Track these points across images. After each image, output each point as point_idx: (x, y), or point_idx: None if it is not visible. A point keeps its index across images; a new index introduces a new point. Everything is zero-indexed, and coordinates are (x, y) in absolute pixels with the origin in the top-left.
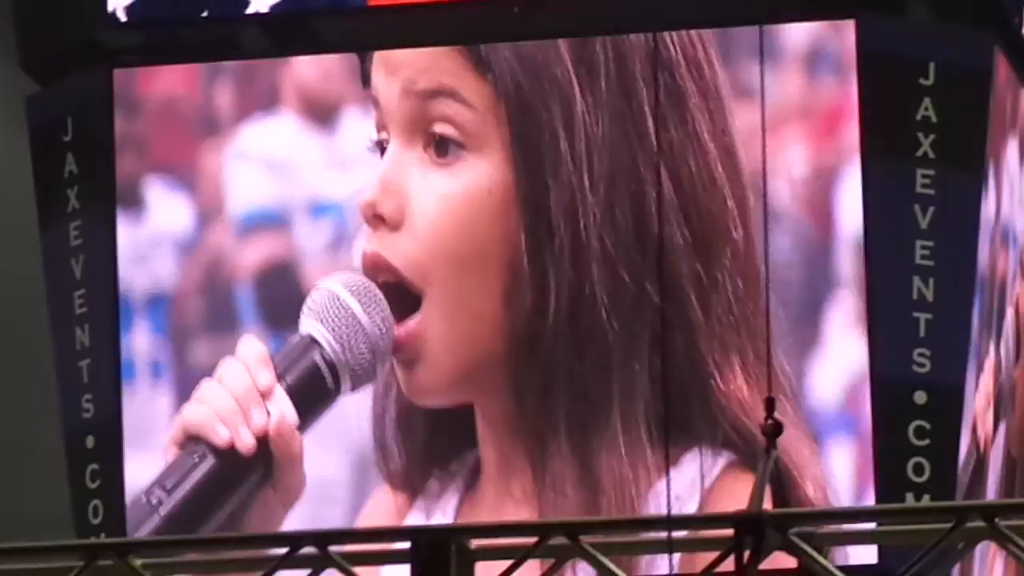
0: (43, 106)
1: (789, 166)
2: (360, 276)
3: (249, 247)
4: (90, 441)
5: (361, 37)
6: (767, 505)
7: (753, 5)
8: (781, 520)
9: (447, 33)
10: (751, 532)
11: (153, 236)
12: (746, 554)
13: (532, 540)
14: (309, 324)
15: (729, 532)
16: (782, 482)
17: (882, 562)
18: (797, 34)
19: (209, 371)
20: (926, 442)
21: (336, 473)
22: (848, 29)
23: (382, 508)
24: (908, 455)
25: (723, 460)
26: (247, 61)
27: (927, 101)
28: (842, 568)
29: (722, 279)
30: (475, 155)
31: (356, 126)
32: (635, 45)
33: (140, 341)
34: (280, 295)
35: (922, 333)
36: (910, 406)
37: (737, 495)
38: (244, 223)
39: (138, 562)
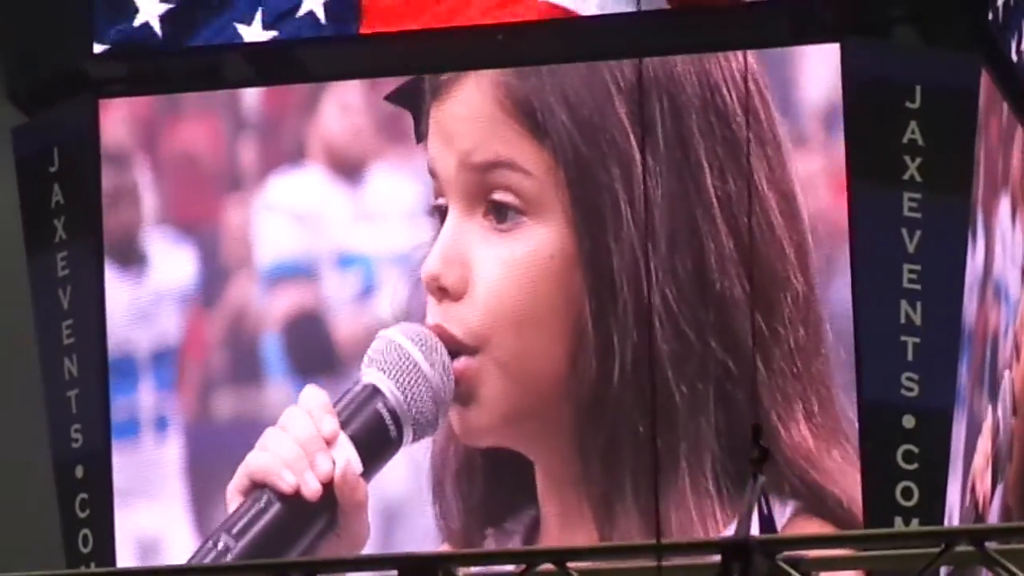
0: (29, 137)
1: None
2: (421, 326)
3: (276, 298)
4: (79, 471)
5: (347, 65)
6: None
7: (740, 31)
8: (768, 546)
9: (434, 61)
10: (738, 558)
11: (155, 292)
12: None
13: (520, 568)
14: (371, 374)
15: (716, 558)
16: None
17: None
18: None
19: (235, 421)
20: (915, 466)
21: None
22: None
23: None
24: (897, 479)
25: (790, 509)
26: (272, 116)
27: (913, 124)
28: None
29: (783, 331)
30: (535, 220)
31: (383, 180)
32: (691, 99)
33: (145, 397)
34: (308, 345)
35: (910, 357)
36: (898, 430)
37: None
38: (271, 275)
39: None
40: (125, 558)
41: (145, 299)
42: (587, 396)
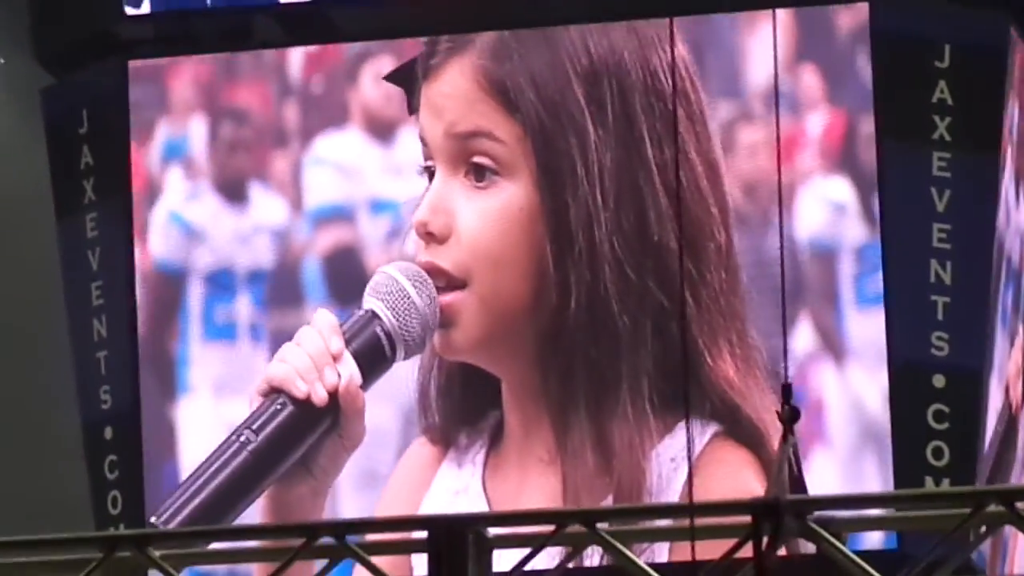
0: (58, 98)
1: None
2: (413, 264)
3: (320, 235)
4: (108, 432)
5: (377, 26)
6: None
7: None
8: (799, 506)
9: (459, 21)
10: (769, 518)
11: (255, 225)
12: (764, 540)
13: (549, 528)
14: (372, 302)
15: (747, 519)
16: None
17: (901, 547)
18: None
19: (283, 335)
20: (945, 426)
21: (388, 424)
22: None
23: (421, 456)
24: (927, 439)
25: (711, 430)
26: (323, 81)
27: (942, 84)
28: (861, 554)
29: (709, 275)
30: (507, 180)
31: (409, 140)
32: (635, 82)
33: (242, 309)
34: (345, 275)
35: (940, 316)
36: (929, 390)
37: (724, 460)
38: (317, 216)
39: (157, 553)
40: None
41: (246, 227)
42: (547, 325)
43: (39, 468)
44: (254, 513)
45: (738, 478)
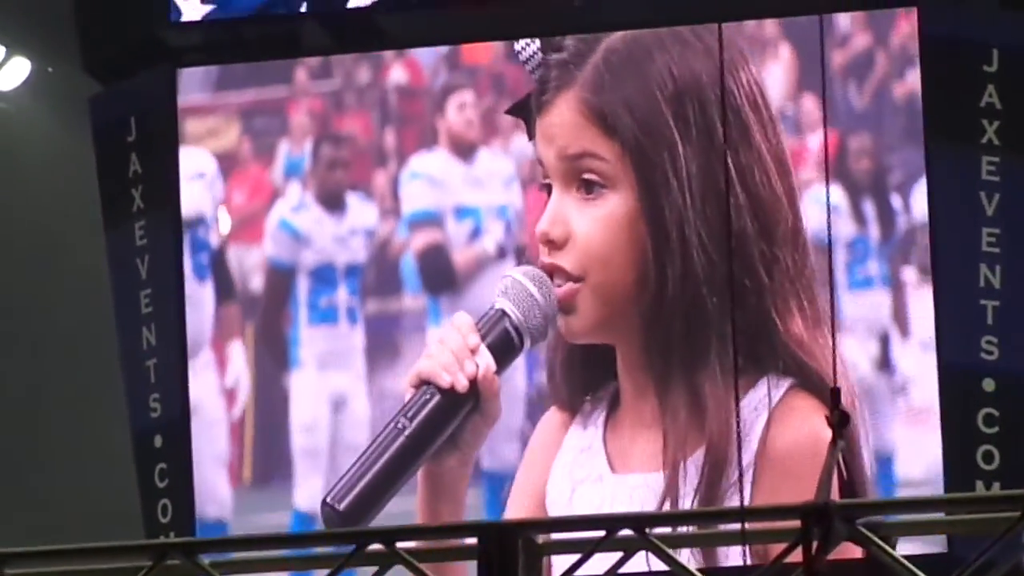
0: (106, 106)
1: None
2: (535, 268)
3: (414, 237)
4: (158, 440)
5: (425, 33)
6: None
7: None
8: (849, 510)
9: (511, 28)
10: (819, 523)
11: (351, 228)
12: (814, 544)
13: (599, 533)
14: (501, 302)
15: (796, 523)
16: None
17: (951, 551)
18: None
19: (375, 318)
20: (995, 430)
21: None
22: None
23: (553, 421)
24: (977, 443)
25: (786, 383)
26: (415, 111)
27: (991, 88)
28: (910, 558)
29: (781, 253)
30: (612, 192)
31: (486, 158)
32: (712, 100)
33: (342, 296)
34: (435, 268)
35: (989, 320)
36: (979, 394)
37: (797, 408)
38: (411, 221)
39: (207, 561)
40: (318, 416)
41: (342, 231)
42: (649, 307)
43: (89, 477)
44: (412, 486)
45: (809, 423)
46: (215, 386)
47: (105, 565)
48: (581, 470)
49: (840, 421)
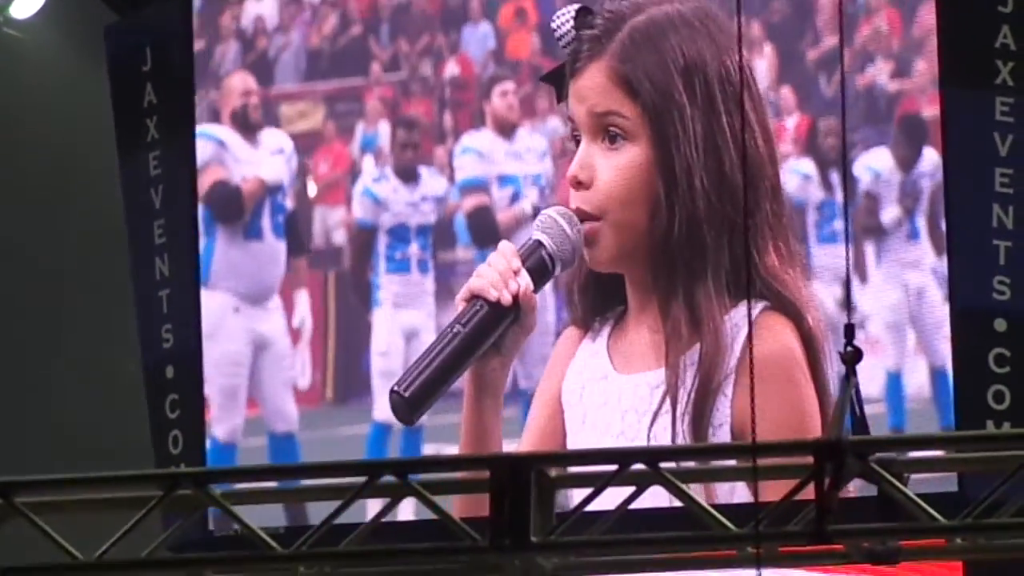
0: (121, 36)
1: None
2: (565, 208)
3: (465, 200)
4: (170, 371)
5: None
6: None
7: None
8: (861, 447)
9: None
10: (831, 459)
11: (422, 195)
12: (826, 481)
13: (612, 467)
14: (537, 234)
15: (809, 459)
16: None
17: (961, 490)
18: None
19: (440, 265)
20: (1006, 369)
21: (547, 316)
22: None
23: (569, 337)
24: (988, 382)
25: (761, 304)
26: (467, 98)
27: (1005, 29)
28: (921, 496)
29: (763, 202)
30: (631, 144)
31: (524, 135)
32: (714, 75)
33: (414, 250)
34: (482, 226)
35: (1002, 261)
36: (990, 334)
37: (770, 327)
38: (463, 186)
39: (217, 491)
40: (393, 344)
41: (415, 198)
42: (659, 241)
43: (100, 407)
44: (460, 384)
45: (779, 336)
46: (283, 325)
47: (116, 495)
48: (589, 371)
49: (853, 357)
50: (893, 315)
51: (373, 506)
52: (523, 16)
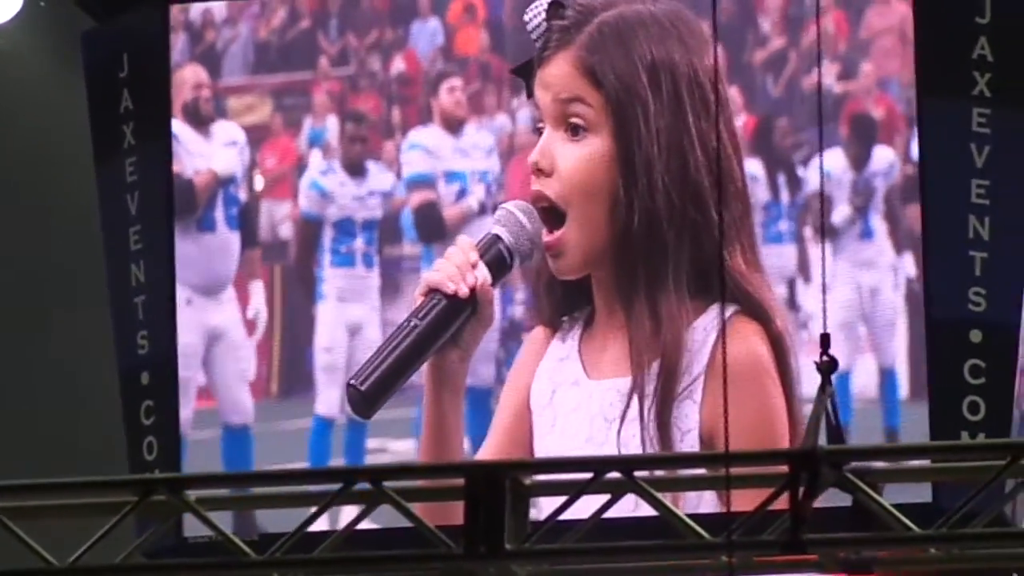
0: (98, 42)
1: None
2: (524, 202)
3: (412, 196)
4: (145, 377)
5: None
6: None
7: None
8: (836, 456)
9: None
10: (806, 468)
11: (369, 190)
12: (801, 490)
13: (587, 475)
14: (496, 228)
15: (783, 468)
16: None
17: (936, 500)
18: None
19: (385, 258)
20: (981, 381)
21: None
22: None
23: (538, 336)
24: (963, 393)
25: (732, 308)
26: (415, 93)
27: (983, 39)
28: (896, 506)
29: (731, 206)
30: (593, 135)
31: (471, 132)
32: (682, 75)
33: (359, 244)
34: (428, 221)
35: (978, 272)
36: (965, 345)
37: (739, 331)
38: (409, 182)
39: (193, 496)
40: (337, 339)
41: (362, 192)
42: (619, 237)
43: (75, 413)
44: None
45: (748, 341)
46: (238, 317)
47: (90, 500)
48: (560, 375)
49: (828, 367)
50: (845, 314)
51: (348, 513)
52: (472, 12)
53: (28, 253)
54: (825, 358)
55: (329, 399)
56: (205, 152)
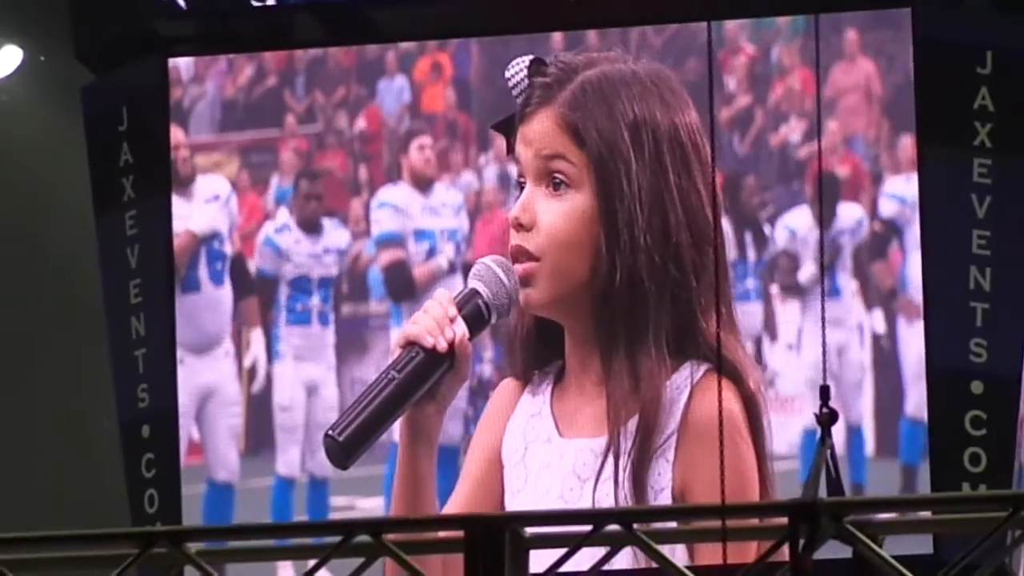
0: (98, 95)
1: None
2: (502, 257)
3: (381, 255)
4: (145, 430)
5: (417, 26)
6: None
7: None
8: (836, 508)
9: (504, 23)
10: (806, 520)
11: (324, 247)
12: (800, 542)
13: (586, 528)
14: (473, 282)
15: (783, 520)
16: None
17: (937, 552)
18: None
19: (353, 318)
20: (982, 432)
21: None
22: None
23: (507, 389)
24: (965, 445)
25: (704, 367)
26: (383, 151)
27: (984, 90)
28: (897, 558)
29: (709, 266)
30: (575, 191)
31: (440, 190)
32: (664, 133)
33: (315, 303)
34: (398, 280)
35: (979, 323)
36: (967, 396)
37: (713, 388)
38: (379, 240)
39: (193, 549)
40: (295, 398)
41: (318, 250)
42: (599, 292)
43: (76, 466)
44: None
45: (721, 401)
46: (231, 372)
47: (91, 552)
48: (532, 432)
49: (828, 419)
50: (813, 372)
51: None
52: (439, 70)
53: (28, 304)
54: (825, 410)
55: (289, 459)
56: (183, 213)
